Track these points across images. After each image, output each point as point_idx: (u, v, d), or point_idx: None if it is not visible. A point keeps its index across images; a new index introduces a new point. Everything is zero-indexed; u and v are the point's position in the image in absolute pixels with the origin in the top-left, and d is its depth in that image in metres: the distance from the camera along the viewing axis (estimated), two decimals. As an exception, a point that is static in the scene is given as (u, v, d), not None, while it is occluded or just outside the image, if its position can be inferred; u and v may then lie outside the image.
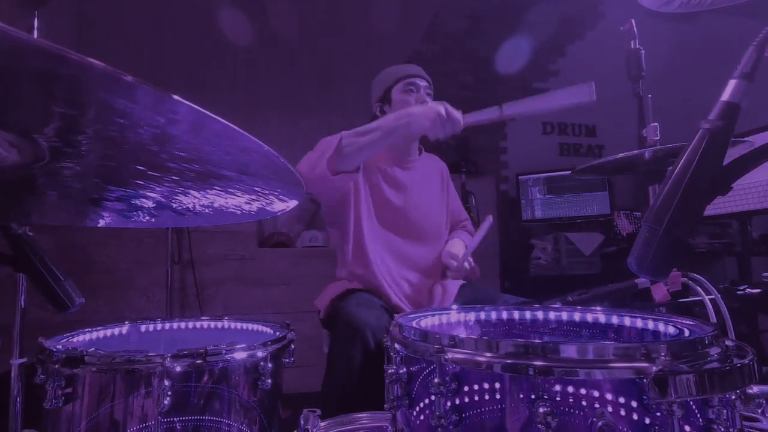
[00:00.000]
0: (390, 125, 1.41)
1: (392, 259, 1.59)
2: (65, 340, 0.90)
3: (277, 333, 0.94)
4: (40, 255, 0.81)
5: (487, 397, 0.57)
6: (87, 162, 0.59)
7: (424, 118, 1.36)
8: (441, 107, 1.36)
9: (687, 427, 0.52)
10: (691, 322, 0.72)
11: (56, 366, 0.75)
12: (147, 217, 0.85)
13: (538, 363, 0.54)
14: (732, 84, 0.58)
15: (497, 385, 0.57)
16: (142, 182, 0.66)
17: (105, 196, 0.73)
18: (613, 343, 0.67)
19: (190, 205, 0.78)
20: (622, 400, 0.52)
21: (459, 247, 1.65)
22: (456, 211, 1.84)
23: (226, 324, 1.09)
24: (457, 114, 1.37)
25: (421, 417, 0.65)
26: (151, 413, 0.74)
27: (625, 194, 3.81)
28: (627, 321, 0.81)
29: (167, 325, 1.08)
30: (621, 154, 1.27)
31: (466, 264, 1.53)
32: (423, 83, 1.60)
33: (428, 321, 0.87)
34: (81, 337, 0.94)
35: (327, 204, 1.63)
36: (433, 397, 0.61)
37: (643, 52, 1.44)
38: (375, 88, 1.68)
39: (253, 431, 0.83)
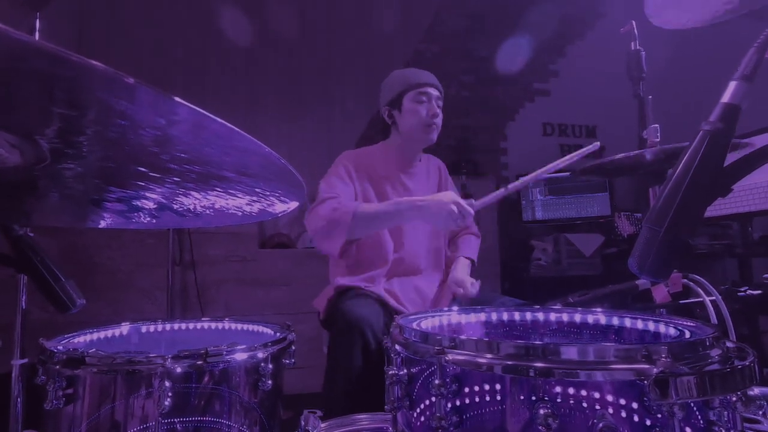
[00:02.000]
0: (403, 214, 1.43)
1: (396, 261, 1.58)
2: (66, 340, 0.90)
3: (278, 334, 0.94)
4: (41, 256, 0.81)
5: (487, 398, 0.57)
6: (88, 163, 0.59)
7: (437, 216, 1.37)
8: (453, 206, 1.35)
9: (688, 429, 0.52)
10: (691, 324, 0.72)
11: (57, 367, 0.75)
12: (148, 219, 0.86)
13: (539, 364, 0.54)
14: (732, 86, 0.58)
15: (498, 387, 0.57)
16: (143, 183, 0.66)
17: (106, 198, 0.73)
18: (613, 344, 0.67)
19: (191, 207, 0.78)
20: (622, 401, 0.52)
21: (464, 272, 1.62)
22: None
23: (226, 325, 1.09)
24: (468, 208, 1.38)
25: (422, 418, 0.65)
26: (152, 414, 0.74)
27: (625, 195, 3.81)
28: (627, 322, 0.81)
29: (168, 326, 1.08)
30: (621, 155, 1.26)
31: (472, 289, 1.51)
32: (435, 93, 1.58)
33: (428, 322, 0.87)
34: (82, 338, 0.94)
35: None
36: (433, 399, 0.61)
37: (643, 53, 1.44)
38: (385, 91, 1.65)
39: (253, 432, 0.83)
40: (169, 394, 0.72)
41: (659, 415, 0.51)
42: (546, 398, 0.53)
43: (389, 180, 1.63)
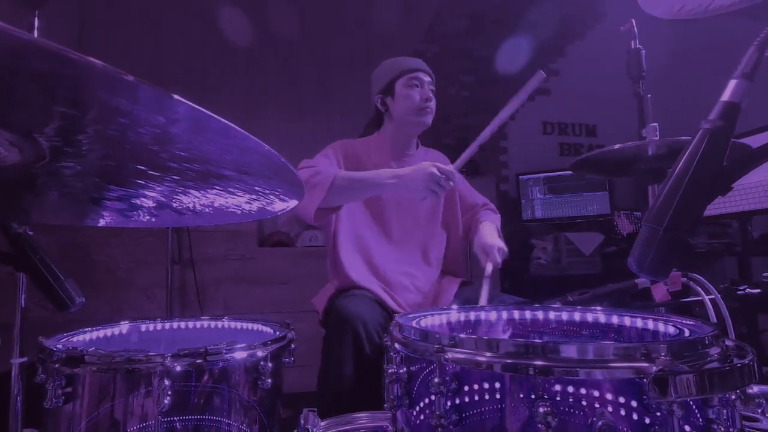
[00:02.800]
0: (384, 182, 1.41)
1: (383, 259, 1.58)
2: (65, 339, 0.90)
3: (277, 332, 0.94)
4: (40, 254, 0.81)
5: (487, 396, 0.57)
6: (88, 161, 0.59)
7: (418, 181, 1.36)
8: (432, 168, 1.34)
9: (687, 427, 0.52)
10: (691, 322, 0.72)
11: (56, 365, 0.75)
12: (147, 217, 0.85)
13: (539, 363, 0.54)
14: (732, 84, 0.58)
15: (497, 385, 0.57)
16: (142, 182, 0.66)
17: (105, 196, 0.73)
18: (613, 343, 0.67)
19: (191, 205, 0.78)
20: (622, 399, 0.52)
21: (492, 235, 1.54)
22: (467, 195, 1.77)
23: (226, 323, 1.09)
24: (449, 168, 1.37)
25: (422, 417, 0.65)
26: (151, 413, 0.74)
27: (625, 194, 3.82)
28: (627, 321, 0.81)
29: (167, 325, 1.08)
30: (619, 145, 1.25)
31: (497, 256, 1.47)
32: (427, 78, 1.59)
33: (428, 321, 0.87)
34: (81, 337, 0.94)
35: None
36: (433, 397, 0.61)
37: (643, 52, 1.44)
38: (376, 80, 1.65)
39: (253, 431, 0.83)
40: (169, 392, 0.72)
41: (658, 414, 0.51)
42: (545, 396, 0.53)
43: (380, 168, 1.61)
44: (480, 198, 1.80)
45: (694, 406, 0.53)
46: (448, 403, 0.60)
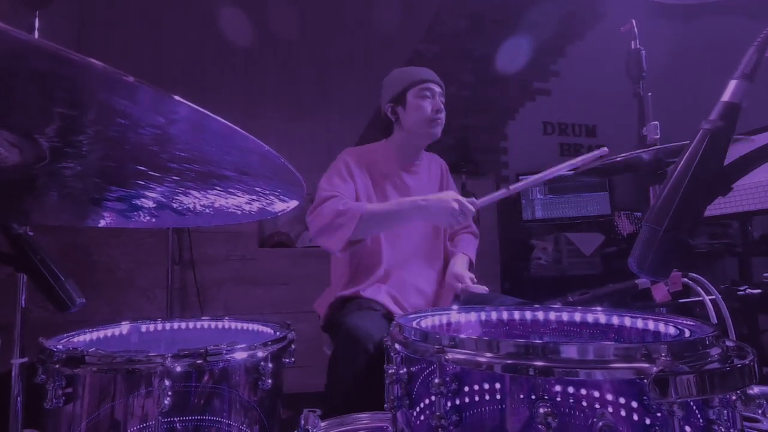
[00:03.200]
0: (407, 214, 1.44)
1: (394, 265, 1.58)
2: (66, 339, 0.90)
3: (278, 333, 0.94)
4: (40, 255, 0.81)
5: (487, 397, 0.57)
6: (88, 162, 0.59)
7: (439, 215, 1.41)
8: (455, 204, 1.39)
9: (687, 428, 0.52)
10: (691, 323, 0.72)
11: (57, 366, 0.75)
12: (148, 217, 0.86)
13: (539, 363, 0.54)
14: (732, 84, 0.58)
15: (498, 386, 0.57)
16: (142, 182, 0.66)
17: (106, 196, 0.73)
18: (613, 343, 0.67)
19: (191, 206, 0.78)
20: (622, 400, 0.52)
21: (463, 267, 1.62)
22: None
23: (226, 324, 1.09)
24: (469, 206, 1.41)
25: (422, 417, 0.65)
26: (152, 413, 0.74)
27: (625, 195, 3.81)
28: (627, 321, 0.81)
29: (168, 325, 1.08)
30: (622, 155, 1.27)
31: (470, 282, 1.52)
32: (438, 89, 1.60)
33: (428, 321, 0.87)
34: (81, 337, 0.94)
35: None
36: (433, 398, 0.61)
37: (643, 52, 1.44)
38: (387, 88, 1.65)
39: (253, 431, 0.83)
40: (169, 393, 0.72)
41: (659, 414, 0.51)
42: (546, 397, 0.53)
43: (390, 178, 1.62)
44: None
45: (694, 407, 0.53)
46: (449, 404, 0.60)
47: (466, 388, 0.59)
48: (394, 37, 3.49)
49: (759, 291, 1.69)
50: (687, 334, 0.68)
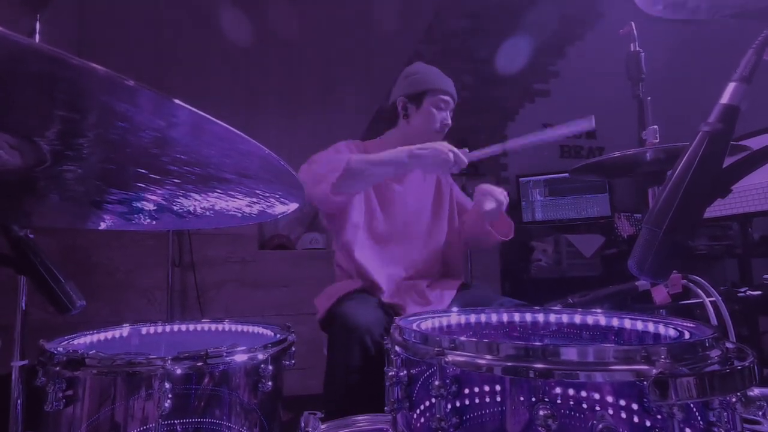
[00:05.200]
0: (400, 161, 1.42)
1: (387, 256, 1.59)
2: (66, 342, 0.90)
3: (278, 335, 0.94)
4: (41, 257, 0.81)
5: (487, 399, 0.57)
6: (88, 165, 0.59)
7: (433, 163, 1.41)
8: (450, 153, 1.39)
9: (687, 430, 0.52)
10: (691, 325, 0.72)
11: (57, 368, 0.75)
12: (148, 220, 0.86)
13: (539, 365, 0.54)
14: (731, 87, 0.58)
15: (498, 388, 0.57)
16: (143, 185, 0.66)
17: (106, 199, 0.73)
18: (613, 345, 0.67)
19: (191, 208, 0.78)
20: (622, 402, 0.52)
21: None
22: (466, 203, 1.83)
23: (226, 326, 1.09)
24: (463, 157, 1.42)
25: (422, 419, 0.65)
26: (152, 416, 0.74)
27: (625, 196, 3.81)
28: (627, 323, 0.81)
29: (168, 328, 1.08)
30: (618, 153, 1.27)
31: (502, 197, 1.57)
32: (452, 103, 1.64)
33: (428, 323, 0.87)
34: (82, 340, 0.94)
35: (326, 212, 1.63)
36: (433, 400, 0.61)
37: (642, 54, 1.44)
38: (407, 83, 1.64)
39: (253, 433, 0.83)
40: (169, 395, 0.72)
41: (659, 416, 0.51)
42: (546, 399, 0.53)
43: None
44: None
45: (694, 409, 0.53)
46: (449, 406, 0.60)
47: (467, 391, 0.59)
48: (394, 37, 3.50)
49: (759, 293, 1.69)
50: (687, 336, 0.68)
